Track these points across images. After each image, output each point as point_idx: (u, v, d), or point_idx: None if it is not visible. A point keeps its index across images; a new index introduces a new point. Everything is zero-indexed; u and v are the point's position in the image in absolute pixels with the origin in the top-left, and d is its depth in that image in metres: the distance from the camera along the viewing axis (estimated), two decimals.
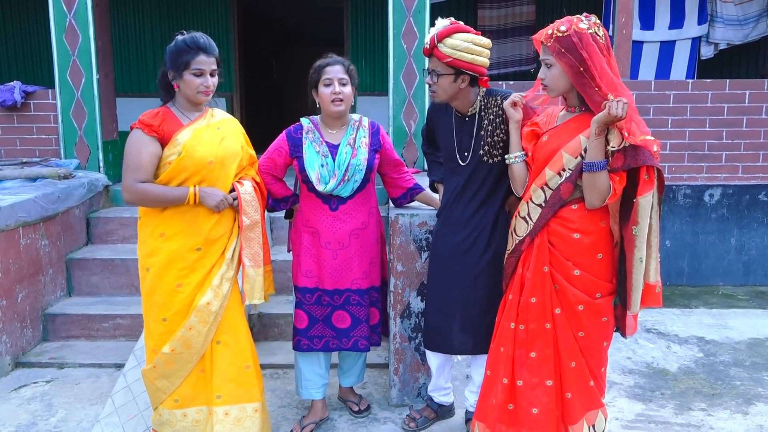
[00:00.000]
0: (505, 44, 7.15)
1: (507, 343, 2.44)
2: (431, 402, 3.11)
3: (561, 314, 2.36)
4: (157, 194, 2.49)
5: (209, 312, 2.54)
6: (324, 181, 2.82)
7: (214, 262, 2.58)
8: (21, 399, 3.38)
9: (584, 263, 2.33)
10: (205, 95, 2.53)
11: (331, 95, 2.79)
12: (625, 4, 4.75)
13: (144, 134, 2.47)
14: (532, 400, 2.38)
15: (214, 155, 2.54)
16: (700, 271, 5.11)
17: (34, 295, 3.93)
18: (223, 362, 2.62)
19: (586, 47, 2.19)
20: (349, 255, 2.92)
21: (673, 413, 3.19)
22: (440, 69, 2.60)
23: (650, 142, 2.16)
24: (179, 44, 2.49)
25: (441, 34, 2.54)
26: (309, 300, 2.95)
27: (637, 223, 2.21)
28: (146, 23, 7.21)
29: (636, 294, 2.27)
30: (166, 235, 2.54)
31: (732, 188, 5.01)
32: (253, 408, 2.65)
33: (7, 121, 4.98)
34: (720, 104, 4.94)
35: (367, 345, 3.00)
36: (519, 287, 2.43)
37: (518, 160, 2.49)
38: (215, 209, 2.54)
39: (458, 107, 2.74)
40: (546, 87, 2.34)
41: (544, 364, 2.38)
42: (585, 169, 2.23)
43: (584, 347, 2.38)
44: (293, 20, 10.04)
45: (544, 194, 2.34)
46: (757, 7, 6.27)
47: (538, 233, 2.37)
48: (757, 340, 4.08)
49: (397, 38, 4.51)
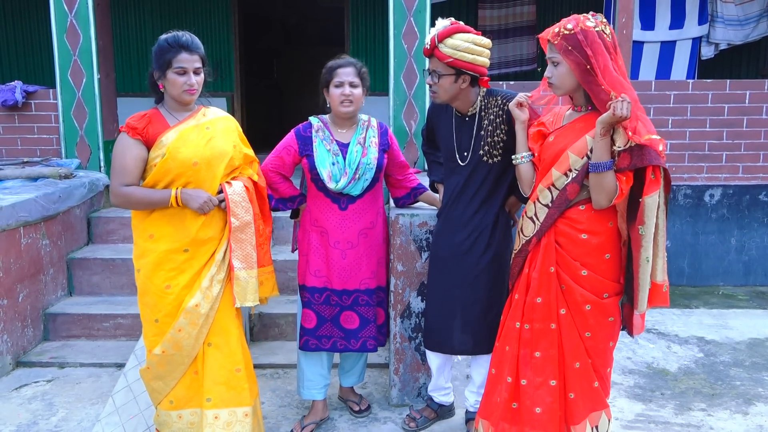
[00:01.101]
0: (506, 44, 7.15)
1: (512, 342, 2.45)
2: (431, 402, 3.11)
3: (566, 314, 2.36)
4: (140, 197, 2.48)
5: (198, 314, 2.51)
6: (335, 179, 2.82)
7: (203, 263, 2.55)
8: (22, 398, 3.39)
9: (592, 263, 2.34)
10: (190, 94, 2.49)
11: (341, 96, 2.81)
12: (626, 5, 4.75)
13: (128, 137, 2.47)
14: (536, 400, 2.39)
15: (199, 156, 2.50)
16: (700, 271, 5.11)
17: (35, 294, 3.93)
18: (213, 365, 2.58)
19: (591, 45, 2.19)
20: (357, 254, 2.92)
21: (673, 413, 3.20)
22: (441, 69, 2.60)
23: (656, 141, 2.16)
24: (161, 43, 2.47)
25: (442, 34, 2.54)
26: (318, 300, 2.95)
27: (643, 223, 2.21)
28: (147, 23, 7.22)
29: (643, 293, 2.28)
30: (154, 236, 2.53)
31: (732, 188, 5.01)
32: (243, 412, 2.59)
33: (9, 121, 4.98)
34: (720, 104, 4.94)
35: (375, 345, 3.01)
36: (525, 287, 2.43)
37: (525, 161, 2.48)
38: (199, 211, 2.50)
39: (459, 107, 2.74)
40: (552, 85, 2.34)
41: (548, 364, 2.38)
42: (591, 170, 2.23)
43: (590, 347, 2.39)
44: (294, 20, 10.05)
45: (550, 194, 2.34)
46: (757, 7, 6.27)
47: (545, 233, 2.37)
48: (757, 340, 4.09)
49: (398, 38, 4.51)
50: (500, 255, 2.76)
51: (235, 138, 2.65)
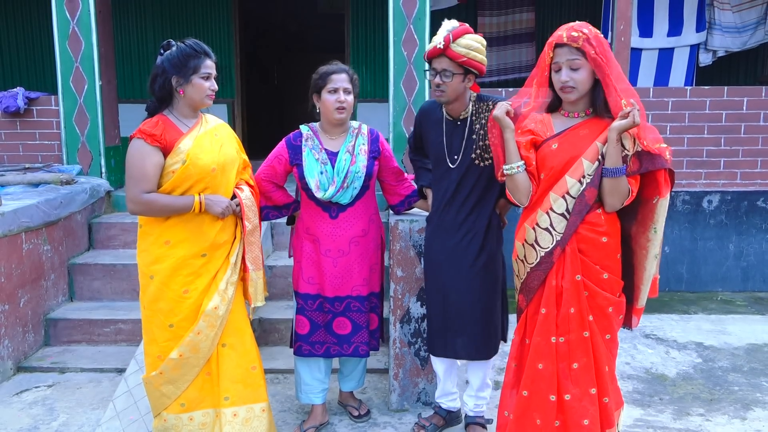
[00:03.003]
0: (505, 51, 7.18)
1: (547, 359, 2.37)
2: (439, 409, 3.10)
3: (594, 320, 2.37)
4: (163, 204, 2.51)
5: (216, 316, 2.58)
6: (323, 188, 2.84)
7: (219, 266, 2.62)
8: (23, 403, 3.40)
9: (610, 265, 2.37)
10: (211, 99, 2.59)
11: (336, 103, 2.83)
12: (624, 12, 4.79)
13: (147, 144, 2.48)
14: (582, 412, 2.34)
15: (216, 162, 2.57)
16: (698, 277, 5.12)
17: (36, 299, 3.95)
18: (230, 364, 2.66)
19: (607, 50, 2.25)
20: (349, 262, 2.93)
21: (672, 418, 3.21)
22: (453, 68, 2.63)
23: (664, 149, 2.24)
24: (185, 50, 2.51)
25: (456, 33, 2.59)
26: (311, 306, 2.97)
27: (657, 222, 2.28)
28: (148, 30, 7.25)
29: (646, 287, 2.35)
30: (171, 242, 2.56)
31: (730, 194, 5.03)
32: (260, 408, 2.71)
33: (10, 127, 5.01)
34: (718, 111, 4.96)
35: (367, 350, 3.03)
36: (554, 299, 2.37)
37: (520, 170, 2.40)
38: (220, 216, 2.57)
39: (452, 110, 2.78)
40: (571, 89, 2.29)
41: (586, 374, 2.36)
42: (607, 175, 2.25)
43: (610, 349, 2.42)
44: (294, 27, 10.09)
45: (566, 203, 2.33)
46: (755, 14, 6.31)
47: (568, 242, 2.34)
48: (755, 345, 4.10)
49: (398, 45, 4.54)
50: (493, 257, 2.79)
51: (236, 144, 2.75)
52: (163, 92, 2.55)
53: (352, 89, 2.87)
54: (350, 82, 2.86)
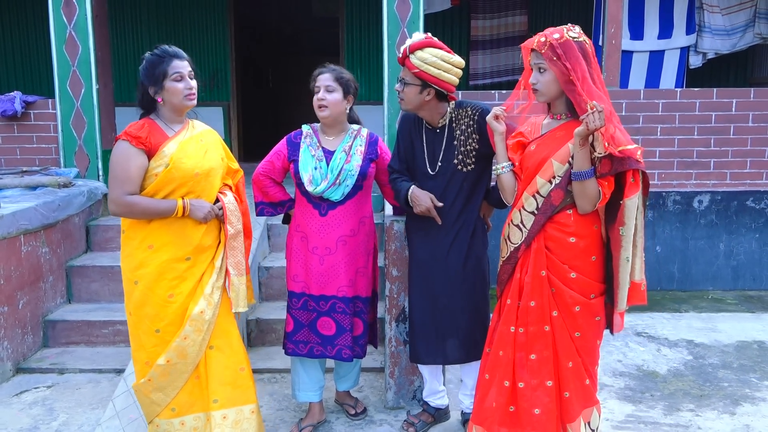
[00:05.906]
0: (498, 54, 7.25)
1: (506, 347, 2.48)
2: (428, 406, 3.16)
3: (558, 316, 2.42)
4: (145, 206, 2.51)
5: (203, 320, 2.57)
6: (315, 183, 2.88)
7: (204, 270, 2.61)
8: (22, 404, 3.43)
9: (580, 266, 2.41)
10: (191, 99, 2.56)
11: (316, 101, 2.88)
12: (615, 15, 4.86)
13: (132, 146, 2.49)
14: (534, 401, 2.43)
15: (200, 167, 2.57)
16: (690, 276, 5.19)
17: (34, 301, 3.98)
18: (218, 367, 2.64)
19: (574, 55, 2.30)
20: (335, 261, 2.95)
21: (662, 414, 3.27)
22: (408, 78, 2.70)
23: (631, 151, 2.24)
24: (150, 59, 2.54)
25: (413, 46, 2.66)
26: (296, 304, 3.00)
27: (624, 224, 2.29)
28: (144, 34, 7.30)
29: (623, 292, 2.36)
30: (154, 246, 2.55)
31: (720, 194, 5.10)
32: (250, 410, 2.69)
33: (8, 131, 5.04)
34: (708, 112, 5.03)
35: (351, 355, 3.00)
36: (518, 292, 2.48)
37: (506, 170, 2.53)
38: (203, 221, 2.57)
39: (427, 119, 2.82)
40: (537, 92, 2.41)
41: (544, 366, 2.43)
42: (574, 179, 2.31)
43: (580, 347, 2.45)
44: (289, 30, 10.14)
45: (536, 202, 2.41)
46: (743, 17, 6.39)
47: (533, 239, 2.43)
48: (744, 342, 4.16)
49: (392, 48, 4.60)
50: (480, 260, 2.85)
51: (222, 151, 2.74)
52: (145, 103, 2.59)
53: (340, 88, 2.88)
54: (335, 81, 2.88)
